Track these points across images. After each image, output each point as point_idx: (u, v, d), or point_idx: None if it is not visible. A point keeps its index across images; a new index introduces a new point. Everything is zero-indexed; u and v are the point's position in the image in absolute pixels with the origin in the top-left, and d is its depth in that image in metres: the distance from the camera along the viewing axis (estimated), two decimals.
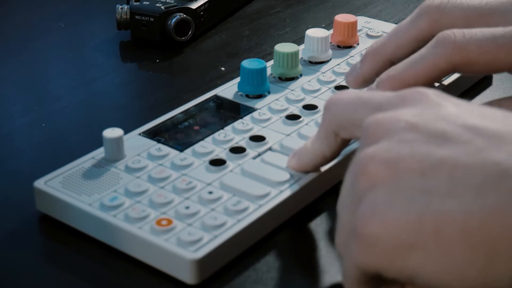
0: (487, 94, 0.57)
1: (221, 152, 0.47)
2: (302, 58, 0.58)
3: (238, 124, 0.50)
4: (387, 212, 0.33)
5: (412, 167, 0.33)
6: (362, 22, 0.64)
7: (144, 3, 0.65)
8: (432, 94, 0.36)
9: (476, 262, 0.31)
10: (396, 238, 0.32)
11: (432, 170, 0.33)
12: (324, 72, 0.57)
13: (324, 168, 0.46)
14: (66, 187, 0.44)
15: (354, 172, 0.35)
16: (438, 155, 0.33)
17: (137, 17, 0.64)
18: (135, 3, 0.65)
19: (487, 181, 0.31)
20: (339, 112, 0.40)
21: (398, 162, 0.33)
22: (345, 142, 0.42)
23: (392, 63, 0.49)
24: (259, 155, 0.47)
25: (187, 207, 0.42)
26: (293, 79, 0.55)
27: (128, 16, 0.64)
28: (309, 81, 0.55)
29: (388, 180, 0.33)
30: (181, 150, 0.47)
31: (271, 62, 0.56)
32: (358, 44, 0.60)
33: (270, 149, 0.48)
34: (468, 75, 0.56)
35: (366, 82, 0.50)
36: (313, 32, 0.58)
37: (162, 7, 0.64)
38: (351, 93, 0.40)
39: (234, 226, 0.42)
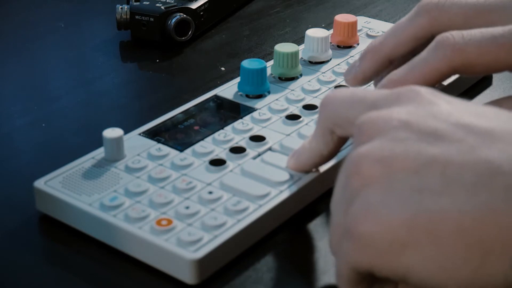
0: (487, 94, 0.57)
1: (221, 152, 0.47)
2: (302, 58, 0.58)
3: (238, 124, 0.50)
4: (380, 211, 0.33)
5: (405, 166, 0.33)
6: (362, 22, 0.64)
7: (144, 3, 0.65)
8: (425, 92, 0.36)
9: (470, 261, 0.31)
10: (390, 237, 0.32)
11: (425, 169, 0.33)
12: (324, 72, 0.57)
13: (323, 169, 0.46)
14: (66, 187, 0.44)
15: (347, 171, 0.35)
16: (430, 153, 0.33)
17: (137, 17, 0.64)
18: (135, 3, 0.65)
19: (479, 179, 0.31)
20: (335, 110, 0.40)
21: (391, 161, 0.33)
22: (342, 140, 0.42)
23: (391, 61, 0.49)
24: (259, 155, 0.47)
25: (187, 207, 0.42)
26: (293, 79, 0.55)
27: (128, 16, 0.64)
28: (309, 81, 0.55)
29: (381, 179, 0.33)
30: (181, 150, 0.47)
31: (271, 62, 0.56)
32: (358, 44, 0.60)
33: (270, 149, 0.48)
34: (468, 76, 0.56)
35: (365, 80, 0.50)
36: (313, 32, 0.58)
37: (162, 7, 0.64)
38: (346, 90, 0.40)
39: (234, 226, 0.42)
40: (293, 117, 0.51)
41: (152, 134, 0.49)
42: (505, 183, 0.31)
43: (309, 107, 0.52)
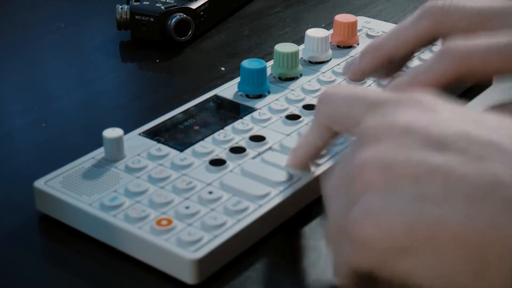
0: (487, 94, 0.57)
1: (221, 152, 0.47)
2: (302, 58, 0.58)
3: (238, 124, 0.50)
4: (380, 216, 0.33)
5: (407, 173, 0.33)
6: (362, 22, 0.64)
7: (144, 3, 0.65)
8: (428, 98, 0.36)
9: (468, 269, 0.31)
10: (389, 242, 0.32)
11: (427, 177, 0.33)
12: (324, 72, 0.57)
13: (323, 169, 0.46)
14: (66, 187, 0.44)
15: (349, 175, 0.35)
16: (433, 162, 0.33)
17: (137, 17, 0.64)
18: (135, 3, 0.65)
19: (480, 191, 0.31)
20: (334, 107, 0.40)
21: (393, 168, 0.33)
22: (338, 134, 0.42)
23: (391, 61, 0.49)
24: (259, 155, 0.47)
25: (187, 207, 0.42)
26: (293, 79, 0.55)
27: (128, 16, 0.64)
28: (309, 81, 0.55)
29: (383, 185, 0.33)
30: (181, 150, 0.47)
31: (271, 62, 0.56)
32: (358, 44, 0.60)
33: (270, 149, 0.48)
34: (471, 83, 0.56)
35: (363, 77, 0.51)
36: (313, 32, 0.58)
37: (162, 7, 0.64)
38: (346, 88, 0.40)
39: (234, 226, 0.42)
40: (293, 117, 0.51)
41: (152, 134, 0.49)
42: (506, 196, 0.31)
43: (309, 107, 0.52)
